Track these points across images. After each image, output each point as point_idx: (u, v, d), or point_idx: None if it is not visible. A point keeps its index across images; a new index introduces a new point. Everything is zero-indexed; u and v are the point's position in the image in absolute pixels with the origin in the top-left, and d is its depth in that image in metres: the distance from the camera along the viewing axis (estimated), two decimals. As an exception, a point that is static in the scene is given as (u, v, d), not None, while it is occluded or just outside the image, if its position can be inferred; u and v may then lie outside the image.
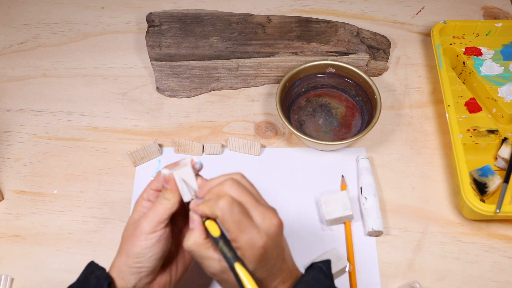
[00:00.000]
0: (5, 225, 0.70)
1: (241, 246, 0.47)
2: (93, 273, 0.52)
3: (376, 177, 0.73)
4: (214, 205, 0.47)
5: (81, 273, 0.53)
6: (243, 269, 0.46)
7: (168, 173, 0.51)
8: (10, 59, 0.87)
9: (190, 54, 0.80)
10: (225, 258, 0.47)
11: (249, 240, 0.47)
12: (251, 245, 0.47)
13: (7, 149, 0.77)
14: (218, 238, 0.48)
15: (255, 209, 0.49)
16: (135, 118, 0.80)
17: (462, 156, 0.68)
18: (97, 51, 0.87)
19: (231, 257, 0.47)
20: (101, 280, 0.50)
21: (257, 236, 0.47)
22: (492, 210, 0.63)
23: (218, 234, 0.48)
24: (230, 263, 0.47)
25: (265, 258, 0.48)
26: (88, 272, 0.52)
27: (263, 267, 0.48)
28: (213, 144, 0.75)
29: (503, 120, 0.75)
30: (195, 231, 0.49)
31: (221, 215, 0.47)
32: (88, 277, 0.52)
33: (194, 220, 0.49)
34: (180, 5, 0.92)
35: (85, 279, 0.52)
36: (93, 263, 0.54)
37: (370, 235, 0.68)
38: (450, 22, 0.82)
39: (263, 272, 0.48)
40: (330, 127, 0.77)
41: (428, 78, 0.84)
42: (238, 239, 0.46)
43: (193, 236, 0.49)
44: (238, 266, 0.46)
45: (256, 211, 0.48)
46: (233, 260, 0.47)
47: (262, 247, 0.47)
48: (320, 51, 0.80)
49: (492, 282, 0.65)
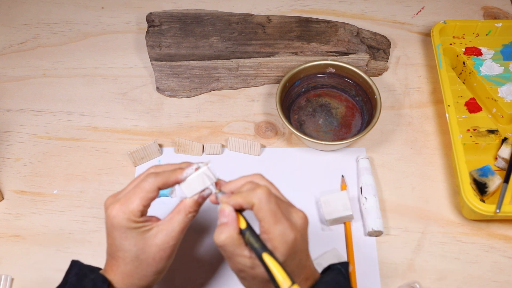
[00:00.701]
0: (5, 225, 0.70)
1: (273, 238, 0.46)
2: (87, 276, 0.51)
3: (376, 177, 0.73)
4: (251, 193, 0.47)
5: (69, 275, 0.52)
6: (272, 259, 0.46)
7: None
8: (10, 59, 0.87)
9: (190, 54, 0.80)
10: (253, 249, 0.46)
11: (283, 231, 0.46)
12: (283, 237, 0.46)
13: (7, 149, 0.77)
14: (245, 230, 0.47)
15: (284, 203, 0.49)
16: (135, 118, 0.80)
17: (462, 156, 0.68)
18: (97, 51, 0.87)
19: (259, 248, 0.46)
20: (98, 283, 0.50)
21: (289, 228, 0.47)
22: (492, 210, 0.63)
23: (245, 226, 0.48)
24: (258, 253, 0.46)
25: (294, 252, 0.47)
26: (81, 275, 0.51)
27: (292, 261, 0.48)
28: (213, 144, 0.75)
29: (503, 120, 0.75)
30: (229, 225, 0.47)
31: (258, 203, 0.46)
32: (82, 280, 0.50)
33: (226, 213, 0.48)
34: (180, 5, 0.92)
35: (79, 283, 0.51)
36: (79, 262, 0.53)
37: (370, 235, 0.68)
38: (450, 22, 0.82)
39: (291, 266, 0.48)
40: (330, 127, 0.77)
41: (428, 78, 0.84)
42: (271, 230, 0.46)
43: (227, 230, 0.47)
44: (267, 256, 0.46)
45: (284, 204, 0.49)
46: (262, 250, 0.46)
47: (293, 240, 0.47)
48: (320, 51, 0.80)
49: (492, 282, 0.65)
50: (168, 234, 0.50)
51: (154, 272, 0.51)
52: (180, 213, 0.50)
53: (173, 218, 0.50)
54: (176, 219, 0.50)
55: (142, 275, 0.50)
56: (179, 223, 0.50)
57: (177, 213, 0.51)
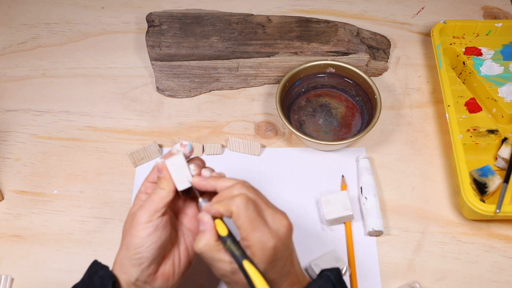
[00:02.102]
0: (5, 225, 0.70)
1: (252, 245, 0.47)
2: (97, 272, 0.52)
3: (376, 177, 0.73)
4: (230, 202, 0.48)
5: (85, 273, 0.53)
6: (251, 267, 0.46)
7: (160, 162, 0.52)
8: (10, 59, 0.87)
9: (190, 54, 0.80)
10: (233, 256, 0.47)
11: (261, 238, 0.47)
12: (262, 244, 0.47)
13: (7, 149, 0.77)
14: (226, 237, 0.48)
15: (266, 210, 0.49)
16: (135, 118, 0.80)
17: (462, 156, 0.68)
18: (97, 51, 0.87)
19: (240, 255, 0.47)
20: (105, 280, 0.50)
21: (268, 235, 0.47)
22: (492, 210, 0.63)
23: (226, 233, 0.48)
24: (238, 261, 0.47)
25: (274, 259, 0.48)
26: (92, 272, 0.52)
27: (273, 269, 0.48)
28: (213, 144, 0.75)
29: (503, 120, 0.75)
30: (206, 232, 0.49)
31: (236, 211, 0.47)
32: (93, 277, 0.52)
33: (204, 221, 0.49)
34: (180, 5, 0.92)
35: (89, 279, 0.52)
36: (97, 262, 0.54)
37: (370, 235, 0.68)
38: (450, 22, 0.82)
39: (272, 273, 0.48)
40: (330, 127, 0.77)
41: (428, 78, 0.84)
42: (250, 237, 0.47)
43: (205, 238, 0.49)
44: (247, 263, 0.47)
45: (267, 212, 0.49)
46: (242, 258, 0.47)
47: (273, 248, 0.47)
48: (320, 51, 0.80)
49: (492, 282, 0.65)
50: (148, 210, 0.51)
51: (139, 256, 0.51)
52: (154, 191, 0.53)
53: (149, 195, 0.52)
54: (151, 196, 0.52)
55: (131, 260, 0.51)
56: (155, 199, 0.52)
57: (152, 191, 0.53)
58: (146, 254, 0.51)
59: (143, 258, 0.51)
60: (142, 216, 0.51)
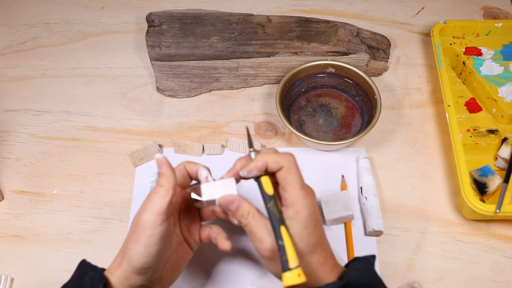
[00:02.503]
0: (5, 225, 0.70)
1: (297, 202, 0.48)
2: (87, 274, 0.51)
3: (376, 177, 0.73)
4: (281, 156, 0.49)
5: (74, 273, 0.52)
6: (286, 234, 0.47)
7: (161, 156, 0.50)
8: (10, 59, 0.87)
9: (190, 54, 0.80)
10: (272, 219, 0.48)
11: (306, 196, 0.48)
12: (307, 203, 0.48)
13: (7, 149, 0.77)
14: (272, 196, 0.49)
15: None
16: (135, 118, 0.80)
17: (462, 156, 0.68)
18: (97, 51, 0.87)
19: (278, 220, 0.48)
20: (95, 281, 0.49)
21: (310, 196, 0.49)
22: (492, 210, 0.63)
23: (272, 192, 0.49)
24: (274, 224, 0.47)
25: (315, 219, 0.49)
26: (82, 273, 0.51)
27: (315, 229, 0.49)
28: (213, 145, 0.75)
29: (503, 120, 0.75)
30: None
31: (288, 166, 0.48)
32: (82, 278, 0.51)
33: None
34: (180, 5, 0.92)
35: (79, 280, 0.51)
36: (86, 262, 0.53)
37: (370, 235, 0.68)
38: (450, 22, 0.82)
39: (314, 236, 0.49)
40: (330, 127, 0.77)
41: (428, 78, 0.84)
42: (297, 194, 0.48)
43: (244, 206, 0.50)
44: (283, 229, 0.47)
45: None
46: (279, 223, 0.47)
47: (314, 207, 0.49)
48: (320, 51, 0.80)
49: (492, 282, 0.65)
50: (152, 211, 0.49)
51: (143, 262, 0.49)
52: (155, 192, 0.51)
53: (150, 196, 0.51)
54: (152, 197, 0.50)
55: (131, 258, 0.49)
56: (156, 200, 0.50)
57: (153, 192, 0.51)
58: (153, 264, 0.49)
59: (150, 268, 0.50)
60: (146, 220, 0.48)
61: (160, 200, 0.49)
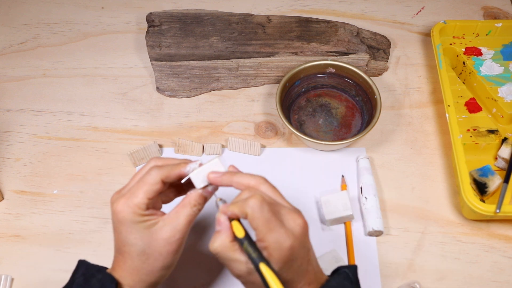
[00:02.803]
0: (5, 225, 0.70)
1: (268, 246, 0.46)
2: (94, 276, 0.51)
3: (376, 177, 0.73)
4: (244, 204, 0.47)
5: (76, 274, 0.52)
6: (268, 270, 0.46)
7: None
8: (10, 59, 0.87)
9: (190, 54, 0.80)
10: (250, 258, 0.47)
11: (277, 239, 0.46)
12: (278, 245, 0.46)
13: (7, 149, 0.77)
14: (243, 239, 0.48)
15: (281, 210, 0.49)
16: (135, 118, 0.80)
17: (462, 156, 0.68)
18: (97, 51, 0.87)
19: (256, 258, 0.46)
20: (106, 283, 0.49)
21: (284, 236, 0.47)
22: (492, 210, 0.63)
23: (243, 235, 0.48)
24: (255, 263, 0.46)
25: (291, 259, 0.47)
26: (88, 275, 0.51)
27: (289, 268, 0.48)
28: (213, 145, 0.75)
29: (503, 120, 0.75)
30: (222, 233, 0.48)
31: (251, 213, 0.46)
32: (89, 280, 0.50)
33: (221, 222, 0.49)
34: (180, 5, 0.92)
35: (86, 283, 0.50)
36: (86, 262, 0.53)
37: (370, 235, 0.68)
38: (450, 22, 0.82)
39: (289, 273, 0.48)
40: (330, 127, 0.77)
41: (428, 78, 0.84)
42: (266, 238, 0.46)
43: (220, 238, 0.48)
44: (263, 266, 0.46)
45: (283, 211, 0.49)
46: (258, 260, 0.46)
47: (289, 248, 0.47)
48: (320, 51, 0.80)
49: (492, 282, 0.65)
50: (174, 227, 0.50)
51: (161, 267, 0.50)
52: (185, 207, 0.51)
53: (178, 211, 0.50)
54: (181, 212, 0.50)
55: (149, 270, 0.50)
56: (184, 217, 0.50)
57: (183, 206, 0.51)
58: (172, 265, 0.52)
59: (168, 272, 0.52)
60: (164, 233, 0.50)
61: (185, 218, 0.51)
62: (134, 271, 0.50)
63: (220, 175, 0.51)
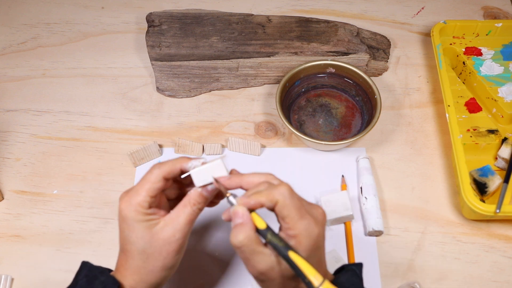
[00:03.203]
0: (5, 225, 0.70)
1: (299, 234, 0.46)
2: (97, 278, 0.50)
3: (376, 177, 0.73)
4: (273, 191, 0.46)
5: (79, 276, 0.52)
6: (298, 257, 0.45)
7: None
8: (10, 59, 0.87)
9: (190, 54, 0.80)
10: (277, 248, 0.46)
11: (307, 227, 0.46)
12: (308, 232, 0.46)
13: (7, 149, 0.77)
14: (266, 230, 0.46)
15: (303, 199, 0.49)
16: (135, 118, 0.80)
17: (462, 156, 0.68)
18: (97, 51, 0.87)
19: (283, 247, 0.45)
20: (108, 285, 0.49)
21: (313, 223, 0.47)
22: (492, 210, 0.63)
23: (265, 226, 0.47)
24: (283, 252, 0.45)
25: (316, 247, 0.47)
26: (91, 277, 0.51)
27: (314, 257, 0.47)
28: (213, 145, 0.75)
29: (503, 120, 0.75)
30: (245, 225, 0.46)
31: (282, 200, 0.46)
32: (92, 282, 0.50)
33: (241, 214, 0.47)
34: (180, 5, 0.92)
35: (89, 285, 0.50)
36: (90, 264, 0.53)
37: (370, 235, 0.68)
38: (450, 22, 0.82)
39: (313, 262, 0.47)
40: (330, 127, 0.77)
41: (428, 78, 0.84)
42: (297, 225, 0.46)
43: (244, 230, 0.46)
44: (293, 254, 0.45)
45: (304, 201, 0.49)
46: (286, 249, 0.45)
47: (317, 235, 0.47)
48: (320, 51, 0.80)
49: (492, 282, 0.65)
50: (174, 227, 0.50)
51: (162, 267, 0.50)
52: (185, 206, 0.50)
53: (178, 211, 0.50)
54: (181, 212, 0.50)
55: (150, 270, 0.50)
56: (185, 216, 0.50)
57: (183, 206, 0.51)
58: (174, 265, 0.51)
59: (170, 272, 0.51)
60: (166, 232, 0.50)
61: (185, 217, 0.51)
62: (135, 271, 0.50)
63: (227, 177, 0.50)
